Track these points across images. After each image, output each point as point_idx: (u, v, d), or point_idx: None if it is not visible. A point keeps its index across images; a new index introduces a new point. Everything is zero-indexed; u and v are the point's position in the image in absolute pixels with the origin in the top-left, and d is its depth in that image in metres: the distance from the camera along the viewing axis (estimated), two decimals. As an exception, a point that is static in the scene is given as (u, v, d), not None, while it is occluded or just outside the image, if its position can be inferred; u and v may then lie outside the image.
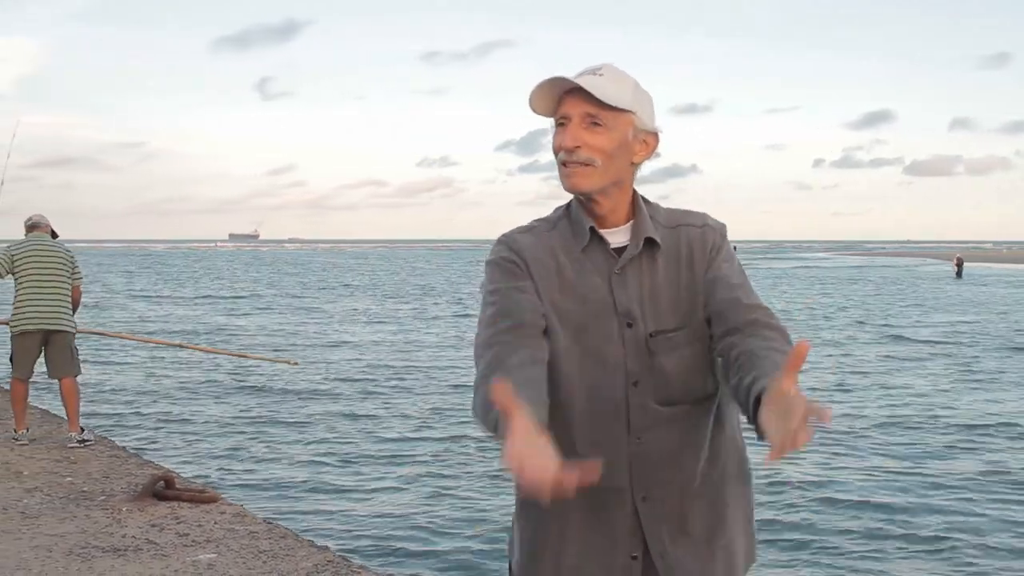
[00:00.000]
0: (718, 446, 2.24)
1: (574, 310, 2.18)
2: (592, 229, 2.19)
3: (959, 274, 65.42)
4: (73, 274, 8.68)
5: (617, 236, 2.20)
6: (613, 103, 2.11)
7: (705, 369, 2.21)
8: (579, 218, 2.21)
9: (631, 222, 2.21)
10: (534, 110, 2.17)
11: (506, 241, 2.27)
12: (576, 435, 2.18)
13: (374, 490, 9.85)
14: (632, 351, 2.16)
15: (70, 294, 8.66)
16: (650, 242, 2.19)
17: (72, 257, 8.74)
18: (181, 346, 15.03)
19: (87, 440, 8.57)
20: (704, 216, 2.28)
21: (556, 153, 2.16)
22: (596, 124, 2.12)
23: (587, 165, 2.13)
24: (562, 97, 2.14)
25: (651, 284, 2.18)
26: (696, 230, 2.24)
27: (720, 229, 2.27)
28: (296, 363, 14.36)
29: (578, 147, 2.12)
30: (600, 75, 2.13)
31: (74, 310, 8.76)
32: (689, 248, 2.21)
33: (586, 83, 2.10)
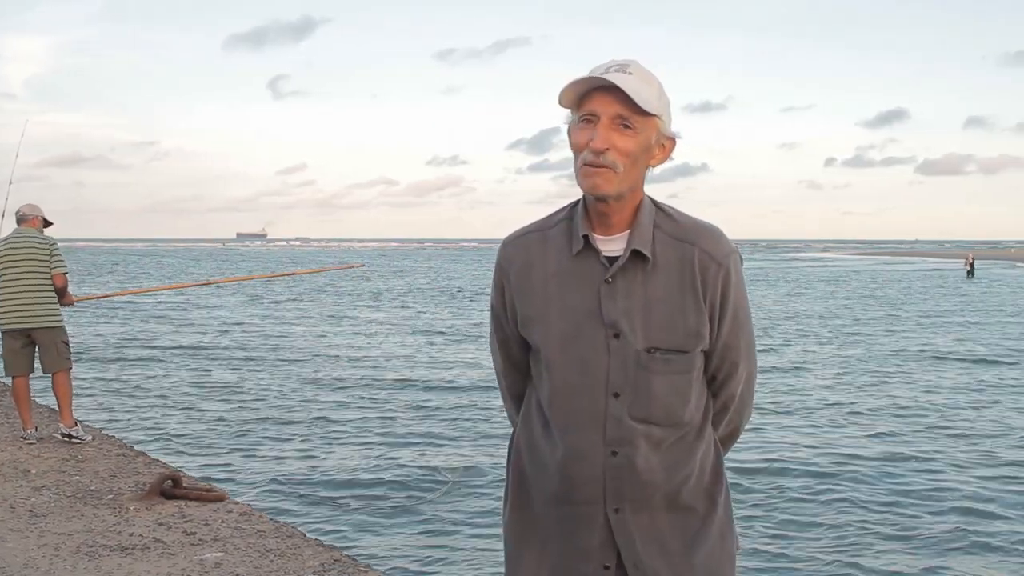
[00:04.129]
0: (695, 464, 2.22)
1: (560, 320, 2.17)
2: (585, 237, 2.16)
3: (971, 273, 65.24)
4: (53, 263, 8.48)
5: (613, 244, 2.17)
6: (645, 107, 2.07)
7: (689, 398, 2.20)
8: (578, 222, 2.18)
9: (630, 230, 2.17)
10: (561, 103, 2.14)
11: (502, 249, 2.30)
12: (558, 442, 2.19)
13: (383, 490, 9.83)
14: (617, 363, 2.14)
15: (51, 288, 8.48)
16: (640, 254, 2.14)
17: (52, 247, 8.53)
18: (208, 283, 14.68)
19: (75, 436, 8.51)
20: (719, 237, 2.20)
21: (578, 150, 2.11)
22: (626, 127, 2.08)
23: (610, 168, 2.08)
24: (590, 92, 2.10)
25: (644, 297, 2.14)
26: (708, 258, 2.16)
27: (733, 258, 2.20)
28: (362, 265, 14.07)
29: (607, 149, 2.07)
30: (630, 74, 2.08)
31: (61, 298, 8.56)
32: (694, 273, 2.16)
33: (622, 83, 2.05)
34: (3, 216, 13.18)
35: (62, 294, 8.60)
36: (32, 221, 8.70)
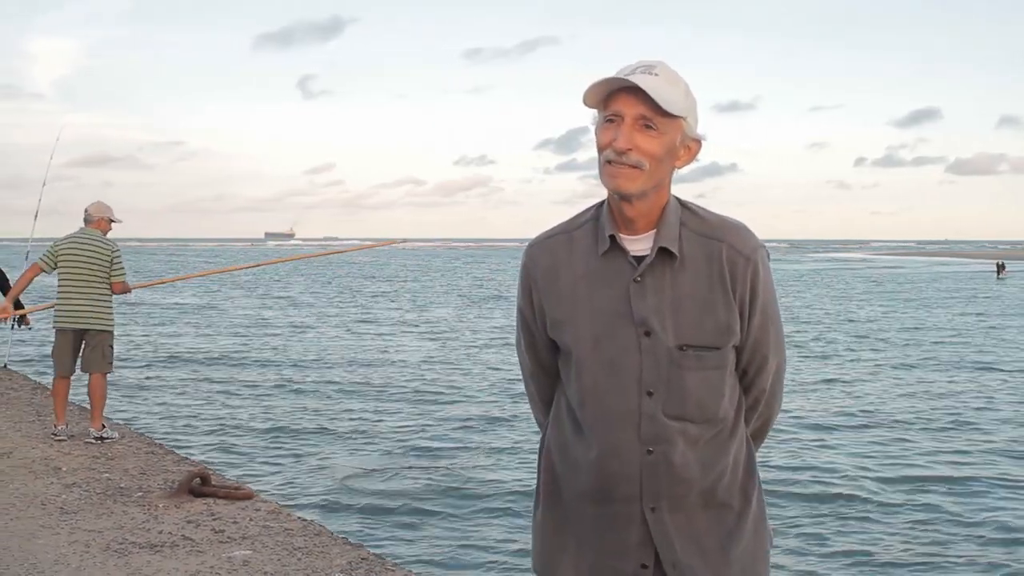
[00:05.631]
0: (729, 460, 2.23)
1: (590, 321, 2.18)
2: (612, 237, 2.17)
3: (1001, 269, 64.52)
4: (113, 270, 8.64)
5: (640, 243, 2.17)
6: (669, 108, 2.08)
7: (723, 393, 2.20)
8: (604, 223, 2.19)
9: (656, 229, 2.18)
10: (586, 103, 2.15)
11: (527, 252, 2.31)
12: (592, 442, 2.19)
13: (410, 489, 9.85)
14: (649, 361, 2.14)
15: (108, 292, 8.65)
16: (667, 252, 2.15)
17: (114, 254, 8.67)
18: (256, 265, 14.41)
19: (106, 437, 8.63)
20: (746, 232, 2.22)
21: (602, 149, 2.12)
22: (649, 127, 2.09)
23: (634, 168, 2.10)
24: (615, 92, 2.10)
25: (673, 294, 2.15)
26: (736, 254, 2.18)
27: (760, 253, 2.22)
28: (406, 240, 13.68)
29: (630, 149, 2.08)
30: (655, 75, 2.08)
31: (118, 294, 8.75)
32: (723, 268, 2.17)
33: (645, 85, 2.06)
34: (36, 216, 13.32)
35: (120, 293, 8.79)
36: (98, 223, 8.83)
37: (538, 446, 2.41)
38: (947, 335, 26.69)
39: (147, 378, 17.34)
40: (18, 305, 9.69)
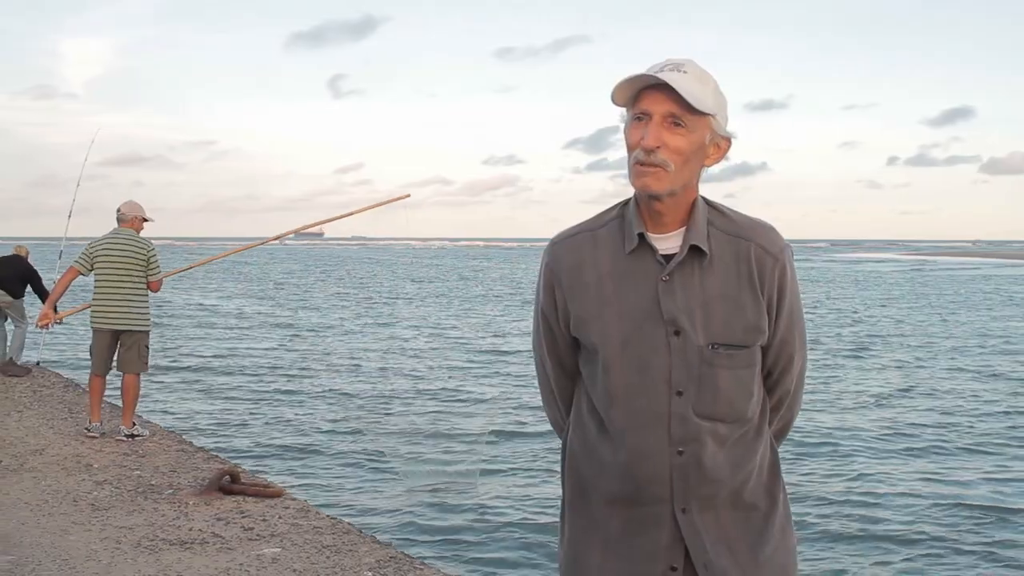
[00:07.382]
0: (756, 460, 2.22)
1: (618, 320, 2.16)
2: (641, 235, 2.15)
3: None
4: (150, 270, 8.71)
5: (668, 242, 2.16)
6: (697, 105, 2.06)
7: (752, 392, 2.20)
8: (631, 220, 2.18)
9: (684, 227, 2.17)
10: (614, 101, 2.14)
11: (550, 250, 2.29)
12: (620, 444, 2.17)
13: (438, 489, 9.86)
14: (679, 360, 2.13)
15: (144, 291, 8.72)
16: (696, 250, 2.14)
17: (149, 252, 8.73)
18: (264, 243, 14.15)
19: (136, 435, 8.72)
20: (773, 233, 2.21)
21: (631, 149, 2.11)
22: (678, 125, 2.08)
23: (660, 167, 2.09)
24: (644, 90, 2.10)
25: (702, 293, 2.14)
26: (764, 252, 2.17)
27: (788, 253, 2.21)
28: (408, 195, 13.20)
29: (658, 147, 2.07)
30: (684, 72, 2.07)
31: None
32: (751, 268, 2.16)
33: (673, 82, 2.05)
34: (70, 216, 13.46)
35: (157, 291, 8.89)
36: (132, 222, 8.89)
37: (560, 449, 2.40)
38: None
39: (177, 377, 17.45)
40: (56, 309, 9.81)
